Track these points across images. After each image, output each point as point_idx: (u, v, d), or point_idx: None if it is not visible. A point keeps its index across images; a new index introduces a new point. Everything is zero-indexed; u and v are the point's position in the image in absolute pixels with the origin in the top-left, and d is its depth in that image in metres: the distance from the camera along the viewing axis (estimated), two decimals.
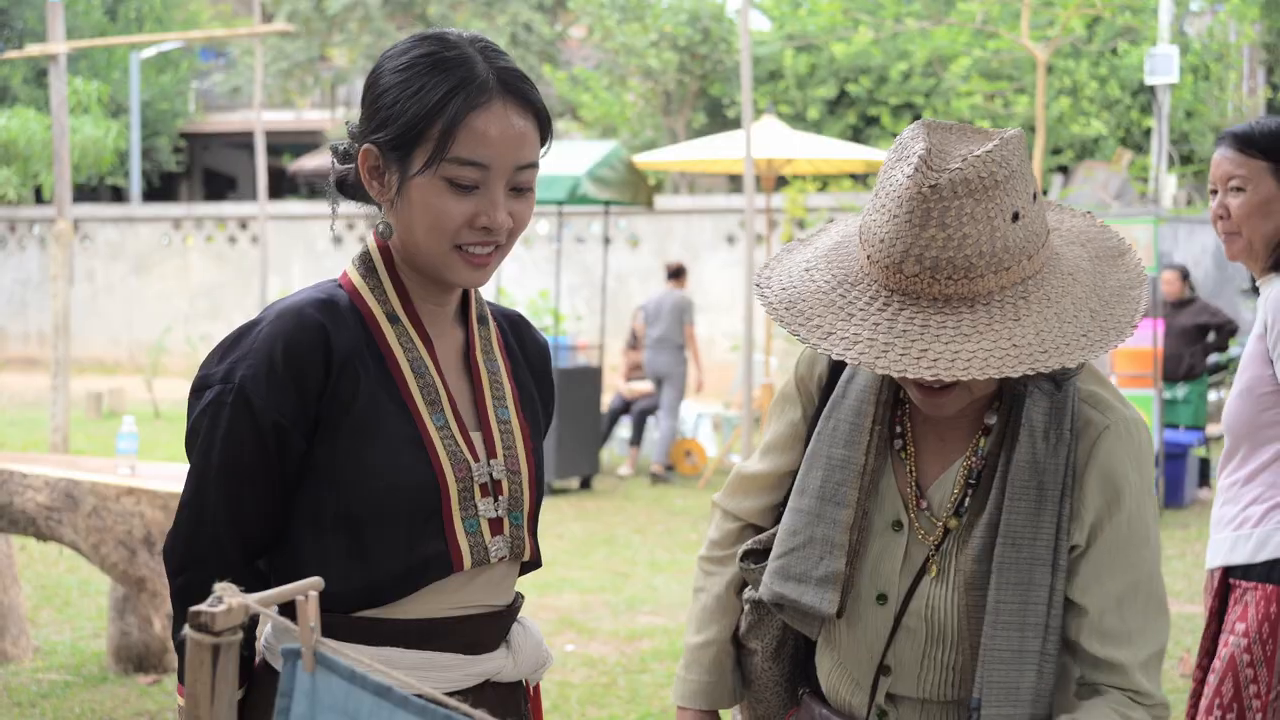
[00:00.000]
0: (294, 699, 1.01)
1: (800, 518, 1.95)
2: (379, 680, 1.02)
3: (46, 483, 5.18)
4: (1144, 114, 18.52)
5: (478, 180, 1.77)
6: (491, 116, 1.77)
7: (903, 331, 1.70)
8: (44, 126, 20.19)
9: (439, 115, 1.75)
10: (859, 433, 1.93)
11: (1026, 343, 1.69)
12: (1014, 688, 1.80)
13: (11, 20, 25.63)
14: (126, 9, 27.21)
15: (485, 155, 1.76)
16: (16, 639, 5.74)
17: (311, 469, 1.80)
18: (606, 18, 20.69)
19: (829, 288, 1.79)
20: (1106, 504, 1.83)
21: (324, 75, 26.43)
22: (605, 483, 11.10)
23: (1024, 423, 1.83)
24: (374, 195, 1.84)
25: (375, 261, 1.87)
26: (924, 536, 1.89)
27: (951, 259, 1.68)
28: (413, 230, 1.80)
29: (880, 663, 1.91)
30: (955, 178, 1.67)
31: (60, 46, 8.37)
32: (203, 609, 1.00)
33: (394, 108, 1.78)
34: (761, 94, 19.07)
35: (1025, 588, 1.80)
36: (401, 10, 24.62)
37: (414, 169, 1.77)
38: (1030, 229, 1.73)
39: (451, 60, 1.78)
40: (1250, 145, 3.00)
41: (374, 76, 1.83)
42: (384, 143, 1.79)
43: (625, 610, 6.90)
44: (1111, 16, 16.18)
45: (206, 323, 20.20)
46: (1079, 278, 1.79)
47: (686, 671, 2.15)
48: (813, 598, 1.91)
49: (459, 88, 1.76)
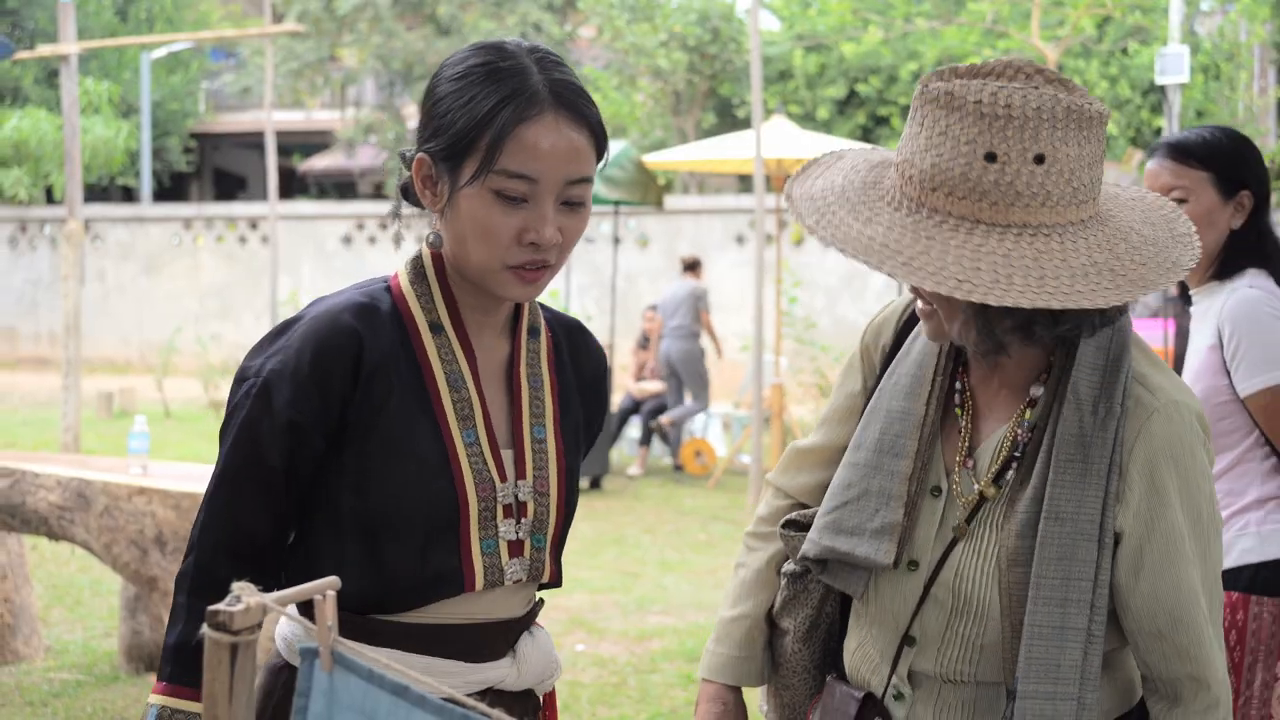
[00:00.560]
0: (311, 698, 1.02)
1: (855, 471, 1.93)
2: (396, 680, 1.02)
3: (58, 482, 5.20)
4: (1154, 114, 18.48)
5: (526, 193, 1.74)
6: (542, 129, 1.74)
7: (914, 239, 1.72)
8: (55, 127, 20.24)
9: (488, 126, 1.74)
10: (920, 385, 1.93)
11: (1022, 273, 1.67)
12: (1054, 664, 1.76)
13: (23, 21, 25.69)
14: (137, 10, 27.26)
15: (534, 168, 1.74)
16: (28, 638, 5.75)
17: (336, 471, 1.79)
18: (616, 18, 20.68)
19: (858, 188, 1.82)
20: (1153, 491, 1.80)
21: (334, 75, 26.44)
22: (615, 483, 11.11)
23: (1070, 394, 1.81)
24: (426, 204, 1.84)
25: (426, 268, 1.86)
26: (962, 502, 1.88)
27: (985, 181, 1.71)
28: (462, 241, 1.79)
29: (905, 633, 1.89)
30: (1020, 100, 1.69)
31: (71, 47, 8.40)
32: (221, 608, 1.01)
33: (446, 117, 1.77)
34: (771, 94, 19.06)
35: (1068, 563, 1.77)
36: (411, 10, 24.63)
37: (463, 180, 1.76)
38: (1065, 178, 1.71)
39: (505, 70, 1.77)
40: (1189, 155, 2.96)
41: (431, 84, 1.82)
42: (436, 152, 1.78)
43: (635, 610, 6.90)
44: (1122, 16, 16.16)
45: (217, 322, 20.23)
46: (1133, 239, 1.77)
47: (716, 645, 2.13)
48: (867, 548, 1.88)
49: (510, 98, 1.74)
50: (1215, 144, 2.98)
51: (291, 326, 1.81)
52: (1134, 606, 1.81)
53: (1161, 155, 3.02)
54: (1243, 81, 19.65)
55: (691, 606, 6.97)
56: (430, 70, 24.43)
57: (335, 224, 20.33)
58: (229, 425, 1.81)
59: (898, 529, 1.87)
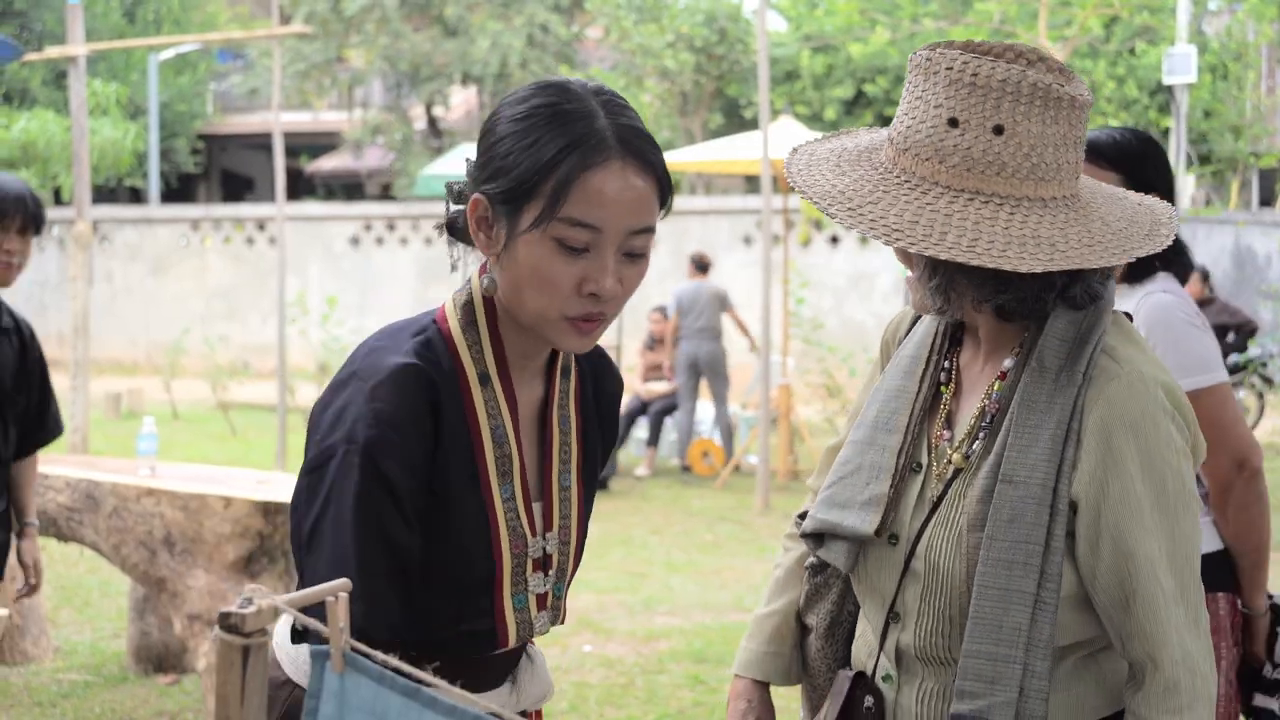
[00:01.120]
0: (322, 699, 1.02)
1: (854, 448, 1.98)
2: (407, 682, 1.02)
3: (67, 483, 5.21)
4: (1162, 114, 18.45)
5: (588, 243, 1.68)
6: (608, 176, 1.68)
7: (907, 206, 1.76)
8: (63, 128, 20.26)
9: (552, 171, 1.67)
10: (916, 364, 1.98)
11: (1008, 239, 1.72)
12: (996, 625, 1.76)
13: (31, 23, 25.74)
14: (145, 11, 27.31)
15: (598, 217, 1.68)
16: (37, 639, 5.76)
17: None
18: (623, 18, 20.69)
19: (853, 156, 1.87)
20: (1108, 457, 1.77)
21: (341, 77, 26.47)
22: (622, 483, 11.10)
23: (1034, 363, 1.83)
24: (479, 246, 1.76)
25: (477, 313, 1.78)
26: (938, 476, 1.90)
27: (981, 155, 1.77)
28: (518, 289, 1.72)
29: (891, 608, 1.91)
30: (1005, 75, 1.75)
31: (79, 49, 8.41)
32: (232, 610, 1.01)
33: (507, 159, 1.69)
34: (778, 94, 19.06)
35: (1017, 525, 1.77)
36: (419, 11, 24.65)
37: (523, 225, 1.69)
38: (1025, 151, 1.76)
39: (571, 113, 1.70)
40: (1100, 156, 2.92)
41: (490, 123, 1.75)
42: (494, 194, 1.71)
43: (642, 611, 6.90)
44: (1129, 16, 16.13)
45: (224, 323, 20.25)
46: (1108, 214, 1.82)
47: (747, 641, 2.16)
48: (854, 519, 1.91)
49: (576, 143, 1.67)
50: (1125, 145, 2.96)
51: (356, 383, 1.70)
52: (1098, 577, 1.79)
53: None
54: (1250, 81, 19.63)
55: (698, 607, 6.97)
56: (437, 71, 24.47)
57: (342, 225, 20.34)
58: (335, 507, 1.65)
59: (883, 500, 1.90)
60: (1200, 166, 18.97)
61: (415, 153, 24.71)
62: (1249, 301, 15.58)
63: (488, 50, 23.50)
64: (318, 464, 1.67)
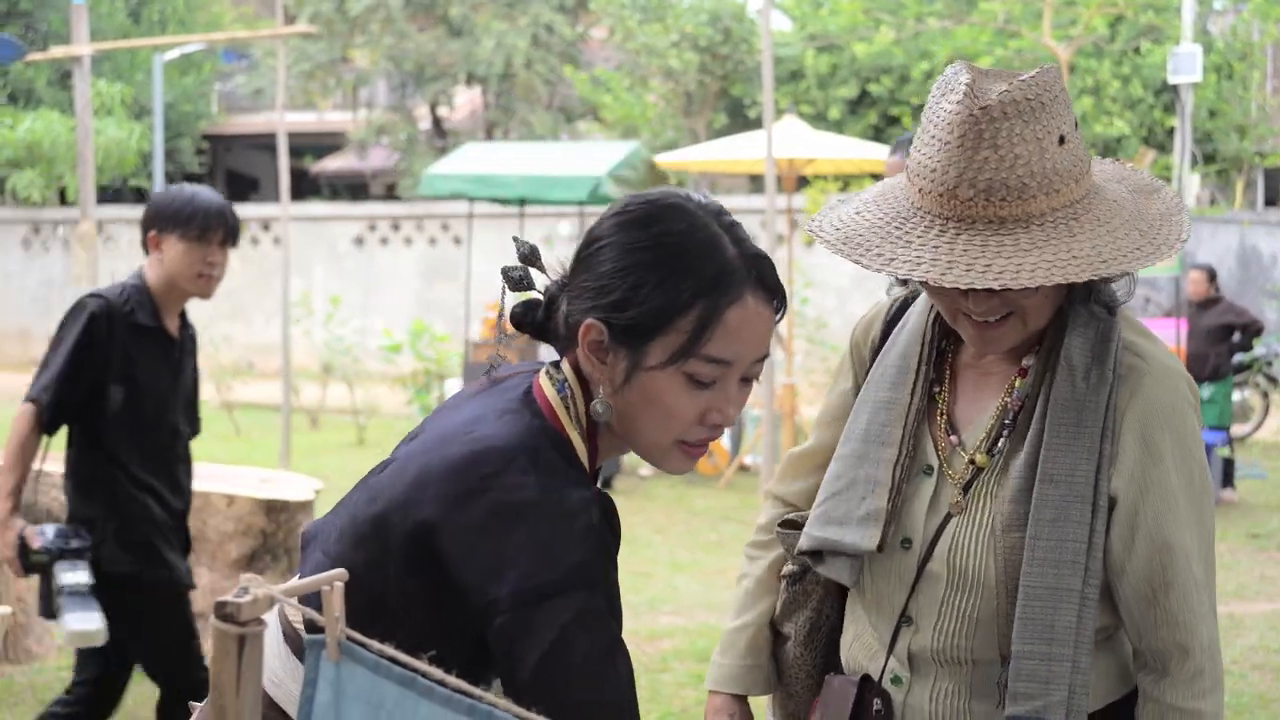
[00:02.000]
0: (318, 688, 1.02)
1: (844, 462, 1.96)
2: (403, 670, 1.02)
3: None
4: (1167, 113, 18.43)
5: (718, 376, 1.65)
6: (746, 312, 1.64)
7: (963, 251, 1.73)
8: (68, 128, 20.29)
9: (689, 309, 1.62)
10: (905, 374, 1.96)
11: (1084, 254, 1.72)
12: (1048, 625, 1.77)
13: (36, 23, 25.77)
14: (150, 11, 27.33)
15: (735, 352, 1.64)
16: (41, 638, 5.77)
17: None
18: (628, 18, 20.68)
19: (883, 222, 1.82)
20: (1147, 453, 1.81)
21: (346, 77, 26.48)
22: (626, 483, 11.11)
23: (1063, 361, 1.83)
24: (590, 371, 1.68)
25: (580, 420, 1.69)
26: (953, 478, 1.89)
27: (1005, 180, 1.72)
28: (634, 418, 1.67)
29: (902, 612, 1.91)
30: (1005, 99, 1.71)
31: (84, 49, 8.41)
32: (228, 599, 1.01)
33: (636, 292, 1.63)
34: (783, 94, 19.05)
35: (1062, 524, 1.78)
36: (423, 11, 24.65)
37: (651, 361, 1.64)
38: (1075, 154, 1.76)
39: (703, 245, 1.64)
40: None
41: (604, 242, 1.67)
42: (618, 325, 1.64)
43: (646, 610, 6.90)
44: (1134, 15, 16.11)
45: (228, 323, 20.26)
46: (1123, 204, 1.81)
47: (721, 656, 2.15)
48: (853, 536, 1.90)
49: (714, 281, 1.63)
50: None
51: (539, 514, 1.58)
52: (1129, 571, 1.81)
53: (905, 153, 3.00)
54: (1255, 81, 19.60)
55: (702, 607, 6.97)
56: (442, 71, 24.47)
57: (347, 225, 20.35)
58: (583, 656, 1.55)
59: (882, 515, 1.89)
60: (1205, 166, 18.94)
61: (420, 153, 24.71)
62: (1254, 301, 15.56)
63: (492, 50, 23.50)
64: (532, 600, 1.55)
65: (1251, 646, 6.29)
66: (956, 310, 1.84)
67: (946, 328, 1.95)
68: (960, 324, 1.87)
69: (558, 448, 1.65)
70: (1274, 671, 5.97)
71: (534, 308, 1.75)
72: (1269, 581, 7.77)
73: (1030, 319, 1.84)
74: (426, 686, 1.01)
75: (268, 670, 1.73)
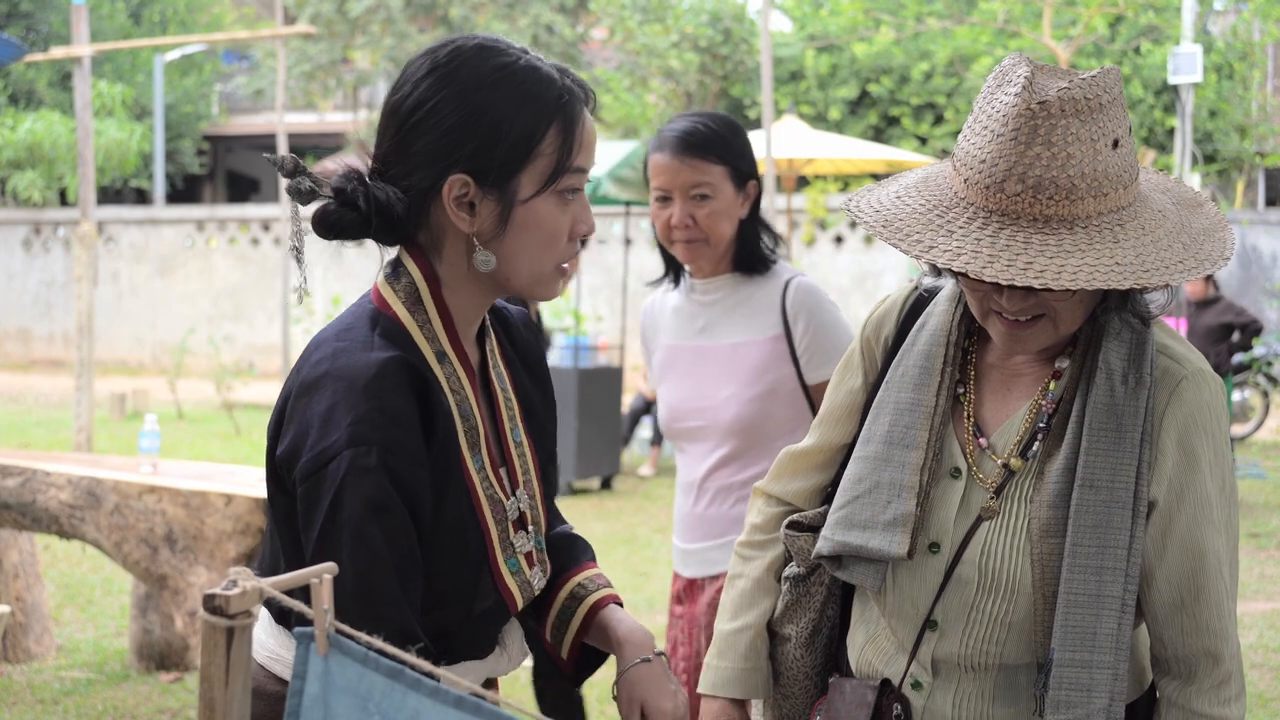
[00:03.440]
0: (306, 680, 1.02)
1: (866, 464, 1.92)
2: (391, 663, 1.02)
3: (69, 480, 5.21)
4: (1167, 113, 18.44)
5: (579, 186, 1.72)
6: (588, 120, 1.72)
7: (1005, 246, 1.69)
8: (68, 129, 20.31)
9: (550, 130, 1.67)
10: (929, 375, 1.92)
11: (1128, 261, 1.69)
12: (1091, 633, 1.76)
13: (36, 23, 25.79)
14: (150, 12, 27.35)
15: (588, 160, 1.72)
16: (40, 637, 5.77)
17: None
18: (628, 19, 20.70)
19: (924, 209, 1.78)
20: (1186, 459, 1.80)
21: (346, 78, 26.50)
22: (626, 483, 11.10)
23: (1101, 365, 1.81)
24: (460, 226, 1.68)
25: (421, 292, 1.71)
26: (984, 481, 1.86)
27: (1055, 178, 1.69)
28: (517, 256, 1.70)
29: (927, 617, 1.88)
30: (1064, 95, 1.69)
31: (85, 49, 8.42)
32: (217, 591, 1.01)
33: (497, 129, 1.65)
34: (783, 94, 19.06)
35: (1104, 531, 1.76)
36: (424, 12, 24.67)
37: (525, 193, 1.67)
38: (1126, 160, 1.74)
39: (532, 72, 1.69)
40: (709, 151, 2.89)
41: (431, 103, 1.67)
42: (486, 169, 1.66)
43: (646, 610, 6.90)
44: (1134, 15, 16.13)
45: (229, 324, 20.28)
46: (1168, 214, 1.79)
47: (718, 659, 2.10)
48: (880, 541, 1.86)
49: (562, 94, 1.69)
50: (723, 136, 2.93)
51: (335, 383, 1.61)
52: (1159, 577, 1.80)
53: (677, 151, 2.90)
54: (1256, 80, 19.61)
55: None
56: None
57: None
58: (347, 513, 1.57)
59: (910, 519, 1.85)
60: (1206, 166, 18.94)
61: None
62: (1254, 301, 15.56)
63: None
64: (314, 469, 1.58)
65: (1251, 645, 6.29)
66: (988, 308, 1.82)
67: (970, 327, 1.93)
68: (990, 322, 1.84)
69: (375, 322, 1.68)
70: (1274, 670, 5.98)
71: (347, 205, 1.71)
72: (1269, 581, 7.77)
73: (1062, 322, 1.81)
74: (414, 678, 1.01)
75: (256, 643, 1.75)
